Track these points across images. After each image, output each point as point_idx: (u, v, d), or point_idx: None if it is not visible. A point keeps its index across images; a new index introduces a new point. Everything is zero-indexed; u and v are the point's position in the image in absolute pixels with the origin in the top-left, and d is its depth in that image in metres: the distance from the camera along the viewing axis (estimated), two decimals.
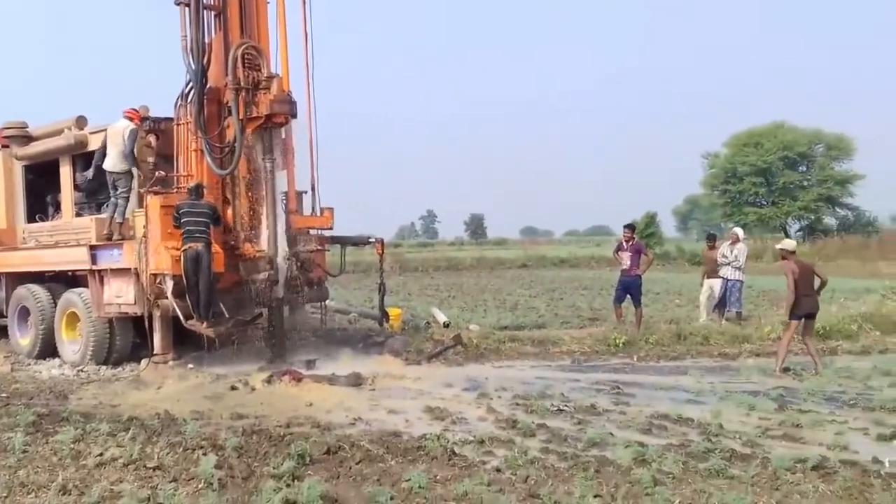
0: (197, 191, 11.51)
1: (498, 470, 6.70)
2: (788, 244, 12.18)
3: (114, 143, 12.44)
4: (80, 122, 13.78)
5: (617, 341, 13.57)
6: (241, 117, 11.63)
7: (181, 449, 7.34)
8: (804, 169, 58.37)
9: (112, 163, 12.44)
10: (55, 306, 13.42)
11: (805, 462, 6.72)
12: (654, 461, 6.83)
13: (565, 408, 9.13)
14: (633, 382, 10.84)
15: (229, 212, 12.18)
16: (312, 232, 13.09)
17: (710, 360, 12.81)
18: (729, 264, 15.81)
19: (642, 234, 44.23)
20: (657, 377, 11.33)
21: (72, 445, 7.51)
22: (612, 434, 7.89)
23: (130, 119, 12.55)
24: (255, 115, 11.75)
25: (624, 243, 15.28)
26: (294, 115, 12.07)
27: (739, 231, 16.97)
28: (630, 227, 15.62)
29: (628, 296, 15.16)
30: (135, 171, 12.52)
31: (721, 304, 15.88)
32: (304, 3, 12.67)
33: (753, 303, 19.93)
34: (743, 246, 16.22)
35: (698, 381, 10.76)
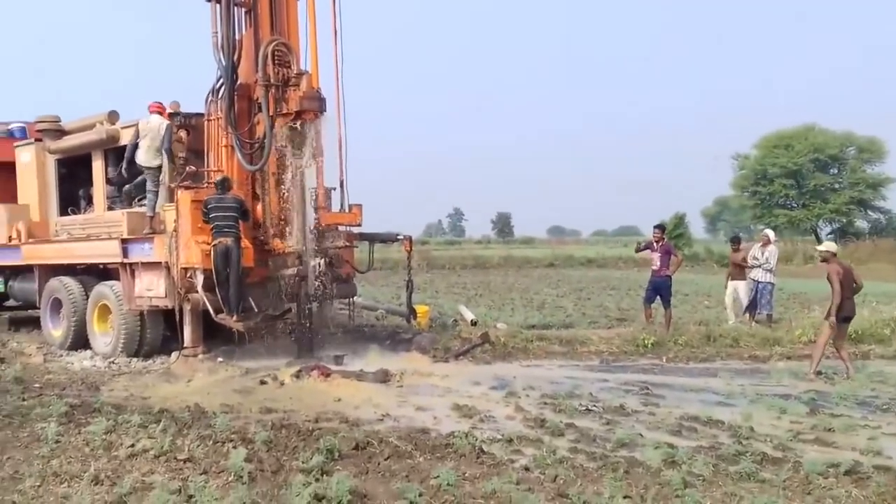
0: (223, 184, 11.57)
1: (526, 469, 6.68)
2: (831, 246, 12.03)
3: (147, 138, 12.56)
4: (112, 116, 13.89)
5: (646, 342, 13.48)
6: (270, 113, 11.68)
7: (211, 442, 7.38)
8: (835, 171, 57.89)
9: (145, 157, 12.58)
10: (87, 298, 13.55)
11: (838, 467, 6.64)
12: (684, 463, 6.77)
13: (594, 408, 9.09)
14: (663, 383, 10.76)
15: (259, 207, 12.25)
16: (341, 228, 13.13)
17: (741, 362, 12.68)
18: (760, 266, 15.70)
19: (671, 235, 43.96)
20: (686, 379, 11.24)
21: (104, 436, 7.58)
22: (641, 435, 7.84)
23: (159, 113, 12.70)
24: (284, 111, 11.80)
25: (654, 244, 15.18)
26: (323, 112, 12.10)
27: (770, 233, 16.82)
28: (660, 228, 15.53)
29: (658, 297, 15.07)
30: (165, 165, 12.62)
31: (752, 307, 15.78)
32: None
33: (784, 305, 19.75)
34: (774, 248, 16.11)
35: (728, 384, 10.66)
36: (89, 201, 14.87)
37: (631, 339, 13.76)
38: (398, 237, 14.54)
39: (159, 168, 12.62)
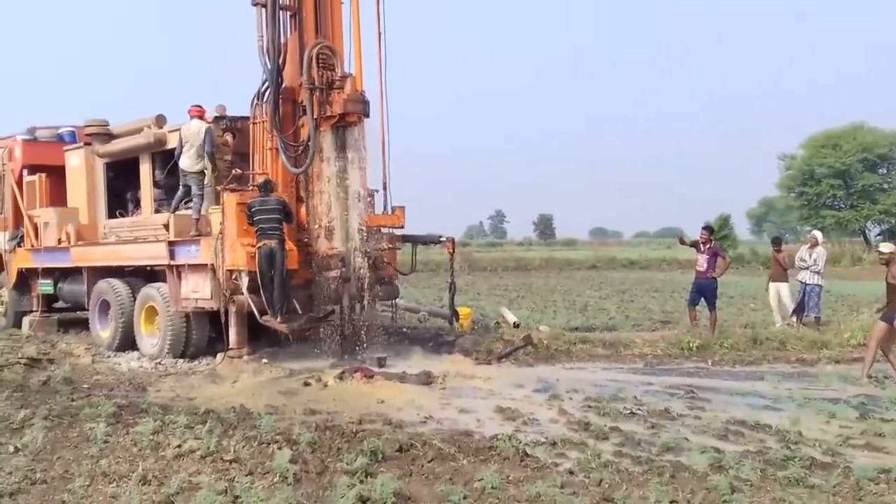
0: (266, 187, 11.67)
1: (571, 472, 6.62)
2: (892, 247, 11.78)
3: (189, 142, 12.71)
4: (160, 120, 14.07)
5: (691, 345, 13.32)
6: (315, 116, 11.77)
7: (256, 443, 7.43)
8: (885, 171, 56.89)
9: (188, 162, 12.71)
10: (134, 300, 13.73)
11: (889, 472, 6.51)
12: (731, 468, 6.68)
13: (638, 411, 9.00)
14: (708, 387, 10.63)
15: (302, 210, 12.34)
16: (384, 230, 13.18)
17: (788, 365, 12.50)
18: (808, 268, 15.49)
19: (715, 237, 43.61)
20: (733, 382, 11.08)
21: (151, 437, 7.67)
22: (687, 439, 7.75)
23: (199, 117, 12.84)
24: (328, 114, 11.88)
25: (700, 245, 14.99)
26: (367, 115, 12.16)
27: (818, 234, 16.60)
28: (708, 230, 15.33)
29: (702, 298, 14.89)
30: (208, 168, 12.76)
31: (799, 309, 15.56)
32: (378, 2, 12.76)
33: (832, 308, 19.44)
34: (822, 250, 15.87)
35: (775, 387, 10.51)
36: (136, 204, 15.09)
37: (675, 341, 13.63)
38: (441, 239, 14.56)
39: (202, 172, 12.76)
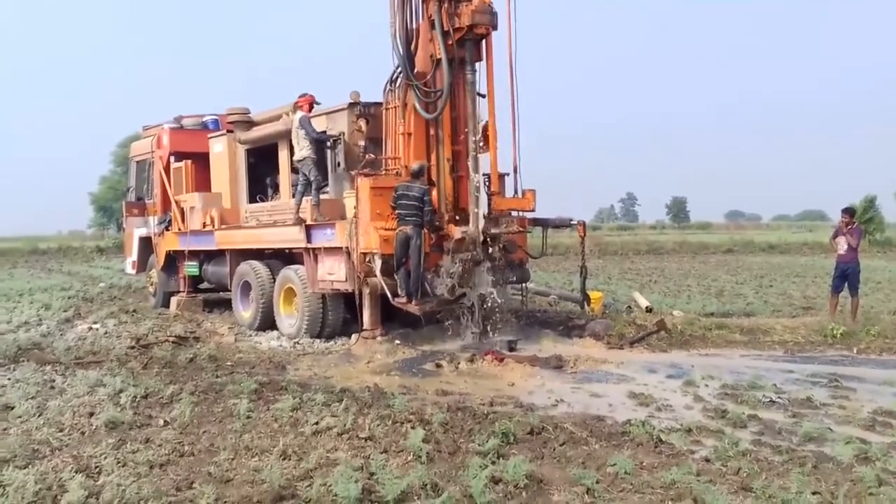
0: (417, 173, 11.89)
1: (707, 460, 6.47)
2: None
3: (293, 135, 13.36)
4: (296, 107, 14.47)
5: (834, 332, 12.71)
6: (444, 29, 11.86)
7: (390, 421, 7.58)
8: None
9: (297, 154, 13.34)
10: (274, 282, 14.22)
11: None
12: (878, 459, 6.40)
13: (778, 399, 8.69)
14: (853, 376, 10.13)
15: (434, 194, 12.45)
16: (514, 213, 13.16)
17: None
18: None
19: (860, 220, 41.56)
20: (880, 371, 10.52)
21: (290, 413, 7.94)
22: (830, 429, 7.43)
23: (303, 106, 13.48)
24: (457, 25, 11.93)
25: (843, 228, 14.30)
26: (495, 27, 12.16)
27: None
28: (849, 213, 14.57)
29: (846, 284, 14.19)
30: (311, 153, 13.23)
31: None
32: None
33: None
34: None
35: None
36: (276, 189, 15.61)
37: (818, 328, 13.04)
38: (571, 222, 14.43)
39: (308, 158, 13.19)
